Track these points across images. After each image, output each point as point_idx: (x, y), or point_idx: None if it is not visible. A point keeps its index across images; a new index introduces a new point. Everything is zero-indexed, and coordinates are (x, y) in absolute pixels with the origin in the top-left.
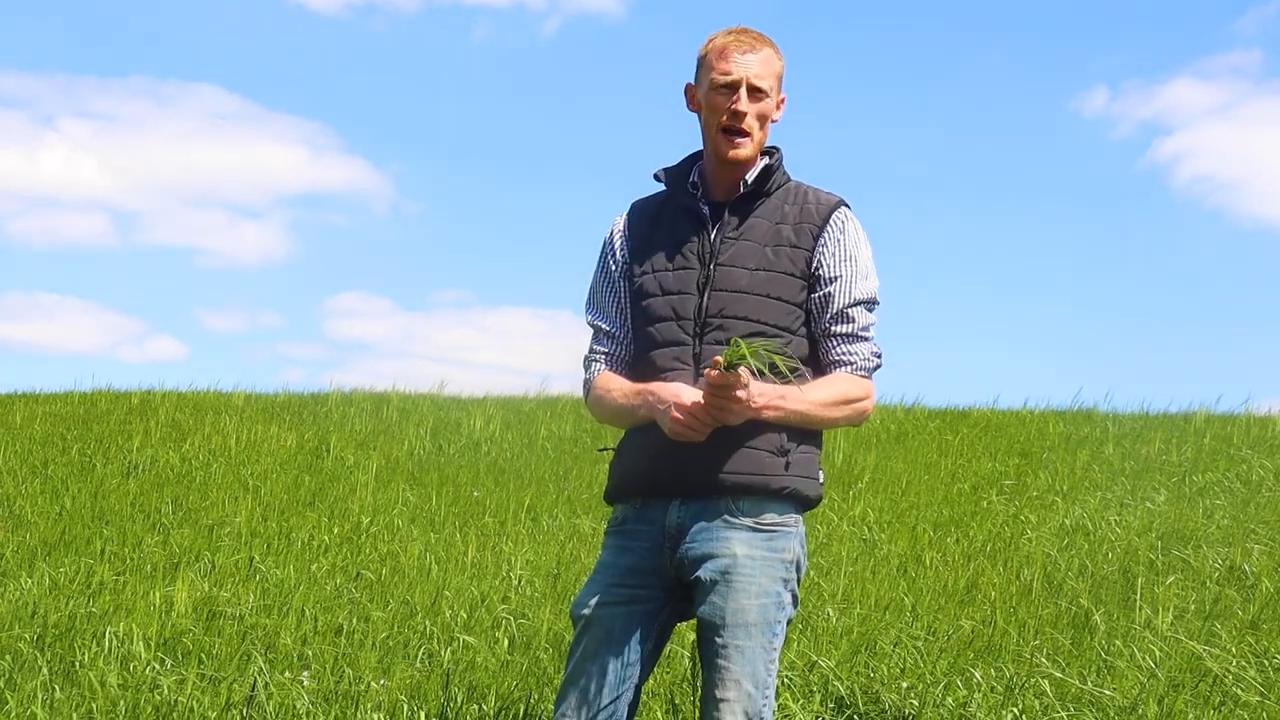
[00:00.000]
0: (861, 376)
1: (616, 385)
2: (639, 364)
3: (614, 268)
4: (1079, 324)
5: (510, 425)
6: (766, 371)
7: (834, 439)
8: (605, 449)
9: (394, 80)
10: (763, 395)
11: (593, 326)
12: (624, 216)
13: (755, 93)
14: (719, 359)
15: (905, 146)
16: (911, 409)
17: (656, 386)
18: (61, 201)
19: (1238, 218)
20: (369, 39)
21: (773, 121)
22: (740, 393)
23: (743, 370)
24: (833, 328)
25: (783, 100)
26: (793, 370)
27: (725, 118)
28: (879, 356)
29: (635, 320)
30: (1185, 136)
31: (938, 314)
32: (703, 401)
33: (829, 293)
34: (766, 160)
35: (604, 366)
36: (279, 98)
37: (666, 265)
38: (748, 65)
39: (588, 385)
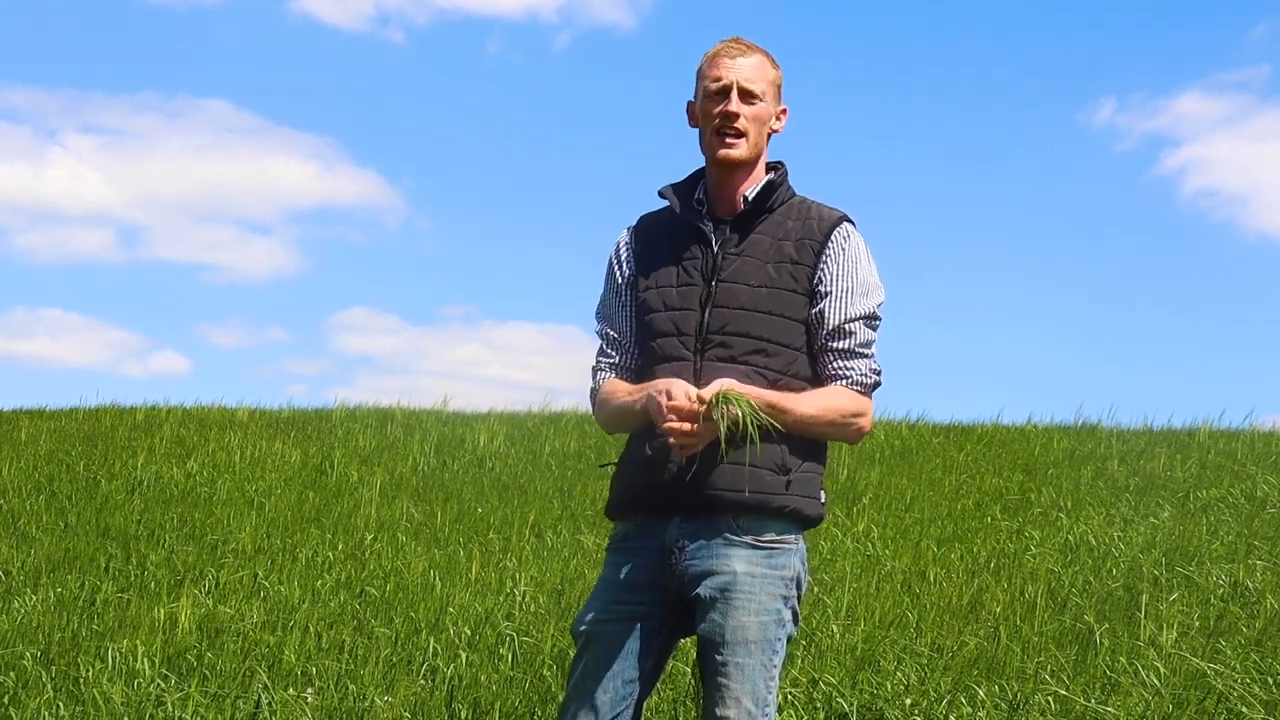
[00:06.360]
0: (858, 392)
1: (621, 388)
2: (641, 378)
3: (620, 280)
4: (1082, 337)
5: (515, 441)
6: (743, 424)
7: (838, 455)
8: (607, 464)
9: (406, 94)
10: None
11: (601, 335)
12: (630, 231)
13: (747, 96)
14: (711, 398)
15: (910, 159)
16: (915, 425)
17: (651, 383)
18: (67, 216)
19: (1244, 231)
20: (380, 53)
21: (774, 132)
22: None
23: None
24: (830, 343)
25: (784, 111)
26: (762, 433)
27: (718, 120)
28: (878, 374)
29: (639, 334)
30: (1192, 149)
31: (941, 328)
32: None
33: (827, 307)
34: (770, 176)
35: (610, 375)
36: (289, 113)
37: (670, 281)
38: (738, 69)
39: (594, 394)
